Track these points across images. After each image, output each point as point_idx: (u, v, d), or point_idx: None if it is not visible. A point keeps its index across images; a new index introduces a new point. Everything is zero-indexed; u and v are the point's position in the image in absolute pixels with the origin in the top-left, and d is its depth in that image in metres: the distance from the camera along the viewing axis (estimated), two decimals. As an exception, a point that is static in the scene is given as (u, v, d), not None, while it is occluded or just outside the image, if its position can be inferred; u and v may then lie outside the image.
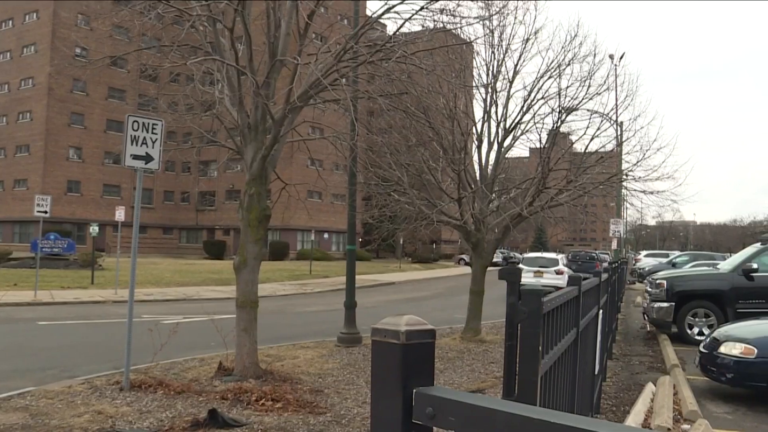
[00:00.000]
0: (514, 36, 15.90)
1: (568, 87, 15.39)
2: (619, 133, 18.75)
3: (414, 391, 1.29)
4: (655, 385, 10.17)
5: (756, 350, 9.60)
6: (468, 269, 17.11)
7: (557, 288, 4.59)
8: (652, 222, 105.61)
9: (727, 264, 17.66)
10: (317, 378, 11.20)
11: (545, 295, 3.14)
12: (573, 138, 17.69)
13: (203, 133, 13.21)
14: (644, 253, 57.36)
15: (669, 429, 7.87)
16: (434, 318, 18.93)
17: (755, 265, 15.69)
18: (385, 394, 1.32)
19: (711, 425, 8.14)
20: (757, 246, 16.95)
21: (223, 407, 8.76)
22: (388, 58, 10.91)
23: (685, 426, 8.22)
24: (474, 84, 16.78)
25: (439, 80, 15.20)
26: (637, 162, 15.84)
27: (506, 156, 17.13)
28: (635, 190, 16.49)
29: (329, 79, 10.28)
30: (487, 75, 16.11)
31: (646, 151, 15.76)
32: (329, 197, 66.25)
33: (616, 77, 17.57)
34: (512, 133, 16.30)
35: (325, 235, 68.75)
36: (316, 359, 12.90)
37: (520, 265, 31.93)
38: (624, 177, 16.73)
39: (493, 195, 16.85)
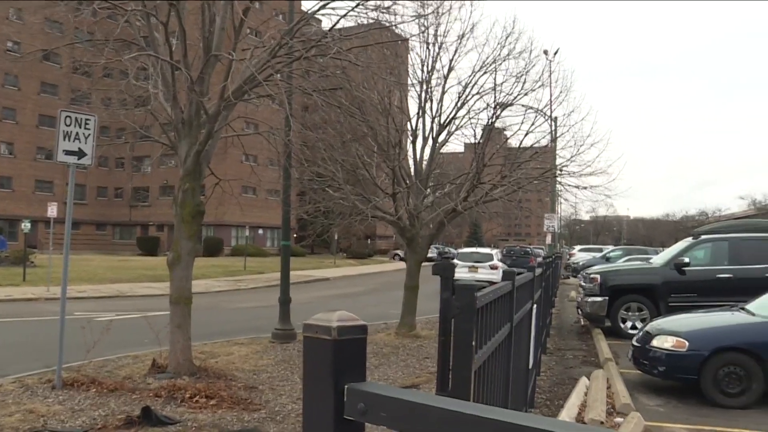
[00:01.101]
0: (449, 32, 15.93)
1: (503, 83, 15.53)
2: (553, 128, 19.01)
3: (346, 387, 1.28)
4: (589, 379, 10.35)
5: (687, 343, 9.83)
6: (403, 264, 17.20)
7: (492, 283, 4.61)
8: (586, 217, 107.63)
9: (660, 258, 18.09)
10: (252, 374, 11.09)
11: (479, 290, 3.15)
12: (508, 133, 17.88)
13: (137, 129, 12.94)
14: (578, 247, 58.44)
15: (602, 422, 8.02)
16: (369, 313, 18.94)
17: (687, 260, 16.09)
18: (317, 390, 1.30)
19: (643, 418, 8.33)
20: (689, 240, 17.40)
21: (157, 405, 8.60)
22: (323, 54, 10.85)
23: (618, 419, 8.38)
24: (409, 80, 16.82)
25: (373, 76, 15.19)
26: (571, 157, 16.07)
27: (441, 151, 17.22)
28: (569, 185, 16.73)
29: (264, 75, 10.17)
30: (422, 71, 16.14)
31: (580, 146, 16.01)
32: (264, 193, 65.67)
33: (551, 73, 17.81)
34: (447, 129, 16.38)
35: (260, 231, 68.07)
36: (250, 356, 12.77)
37: (455, 261, 32.24)
38: (558, 172, 16.96)
39: (428, 190, 16.93)
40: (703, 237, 17.17)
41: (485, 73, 15.74)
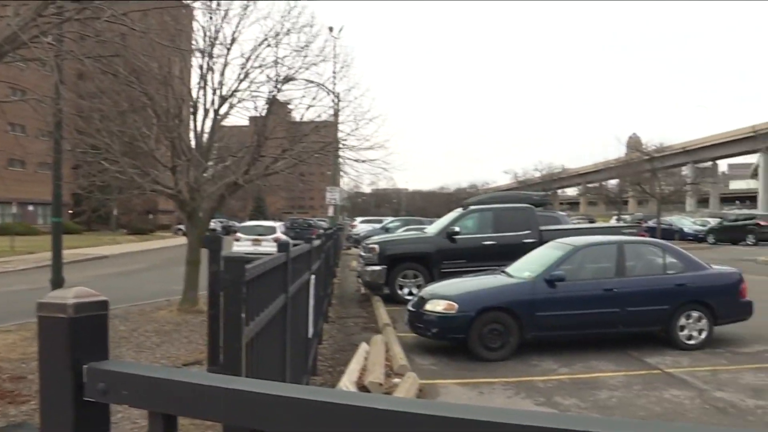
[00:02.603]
0: (232, 2, 15.56)
1: (285, 56, 15.48)
2: (336, 103, 19.27)
3: (85, 367, 1.22)
4: (369, 344, 10.67)
5: (457, 306, 10.50)
6: (186, 239, 16.71)
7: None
8: (367, 189, 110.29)
9: (433, 228, 18.98)
10: (20, 364, 10.32)
11: (249, 262, 3.15)
12: (291, 107, 17.87)
13: None
14: (360, 219, 59.74)
15: (381, 384, 8.31)
16: (150, 291, 18.32)
17: (457, 228, 17.06)
18: (54, 372, 1.23)
19: (418, 376, 8.78)
20: (459, 211, 18.44)
21: None
22: (97, 17, 10.21)
23: (396, 380, 8.74)
24: (191, 48, 16.28)
25: (152, 43, 14.55)
26: (351, 131, 16.40)
27: (223, 124, 16.90)
28: (349, 158, 17.08)
29: (28, 35, 9.39)
30: (204, 40, 15.69)
31: (360, 121, 16.37)
32: (33, 166, 61.07)
33: (334, 48, 17.99)
34: (229, 101, 16.08)
35: (30, 208, 63.40)
36: (18, 343, 11.89)
37: (238, 234, 31.92)
38: (341, 146, 17.23)
39: (210, 163, 16.57)
40: (471, 208, 18.33)
41: (268, 46, 15.60)
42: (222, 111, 16.08)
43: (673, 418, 7.49)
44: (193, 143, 16.19)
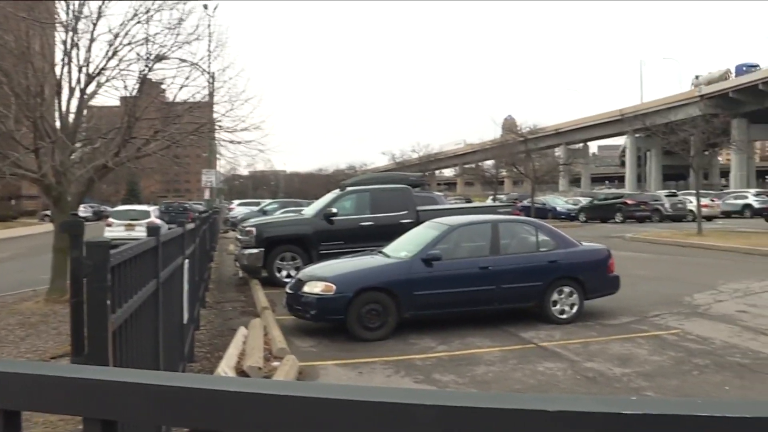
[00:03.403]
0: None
1: (157, 34, 14.91)
2: (210, 83, 18.79)
3: None
4: (247, 329, 10.54)
5: (335, 287, 10.50)
6: (53, 226, 15.95)
7: None
8: (245, 172, 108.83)
9: (311, 210, 18.90)
10: None
11: (114, 247, 3.01)
12: (164, 87, 17.28)
13: None
14: (237, 202, 58.80)
15: (260, 368, 8.22)
16: (14, 281, 17.41)
17: (335, 210, 17.05)
18: None
19: (298, 359, 8.74)
20: (337, 192, 18.44)
21: None
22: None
23: (276, 363, 8.67)
24: (53, 21, 15.41)
25: (6, 14, 13.68)
26: (227, 112, 16.04)
27: (91, 104, 16.15)
28: (225, 140, 16.73)
29: None
30: (67, 13, 14.88)
31: (235, 101, 16.03)
32: None
33: (209, 27, 17.46)
34: (96, 80, 15.35)
35: None
36: None
37: (110, 219, 30.81)
38: (216, 127, 16.85)
39: (77, 145, 15.81)
40: (349, 189, 18.39)
41: (138, 22, 14.96)
42: (89, 90, 15.34)
43: (546, 390, 7.77)
44: (58, 124, 15.39)
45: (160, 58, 15.10)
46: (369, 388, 0.96)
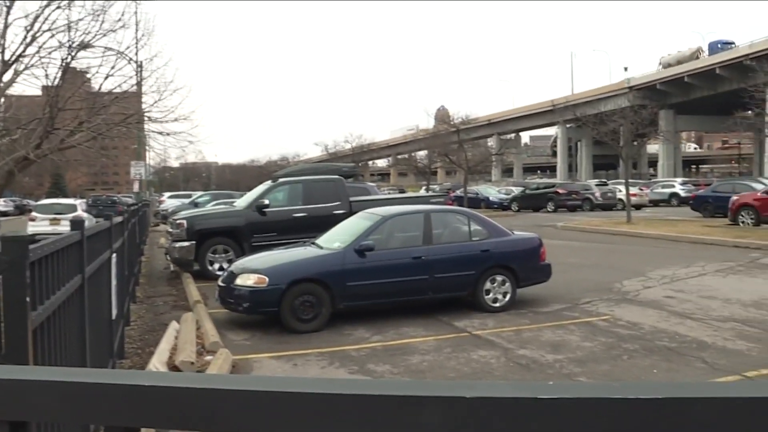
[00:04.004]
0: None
1: (80, 20, 14.47)
2: (138, 72, 18.36)
3: None
4: (179, 323, 10.37)
5: (268, 279, 10.38)
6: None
7: None
8: (175, 164, 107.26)
9: (243, 201, 18.67)
10: None
11: (34, 241, 2.89)
12: (89, 76, 16.79)
13: None
14: (168, 194, 57.81)
15: (192, 362, 8.10)
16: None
17: (267, 201, 16.87)
18: None
19: (231, 352, 8.65)
20: (269, 184, 18.27)
21: None
22: None
23: (209, 357, 8.55)
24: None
25: None
26: (155, 103, 15.72)
27: (9, 92, 15.58)
28: (154, 131, 16.40)
29: None
30: (-22, -3, 14.29)
31: (164, 92, 15.72)
32: None
33: (136, 14, 17.03)
34: (14, 67, 14.80)
35: None
36: None
37: (34, 214, 29.92)
38: (147, 119, 16.50)
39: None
40: (281, 180, 18.23)
41: (58, 8, 14.48)
42: (6, 78, 14.78)
43: (481, 378, 7.83)
44: (-26, 114, 14.84)
45: (83, 46, 14.68)
46: (299, 379, 0.95)
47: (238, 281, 10.58)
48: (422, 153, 69.71)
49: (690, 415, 0.84)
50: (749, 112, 33.77)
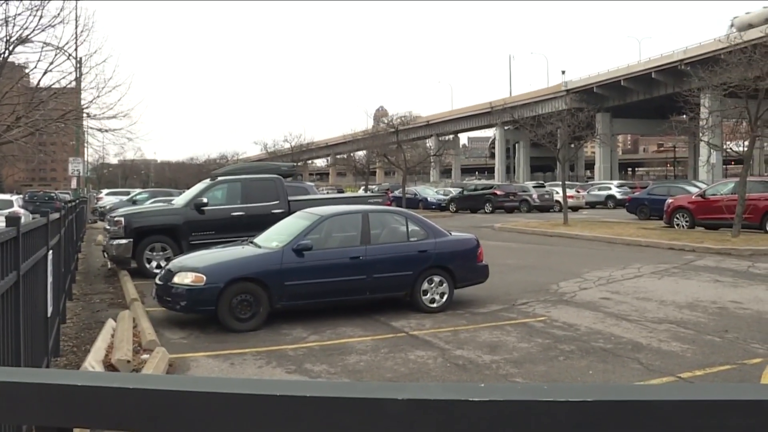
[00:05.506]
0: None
1: (17, 15, 14.28)
2: (77, 68, 18.14)
3: None
4: (116, 321, 10.34)
5: (205, 278, 10.38)
6: None
7: None
8: (114, 160, 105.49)
9: (181, 199, 18.59)
10: None
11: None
12: (27, 71, 16.57)
13: None
14: (106, 191, 56.86)
15: (129, 361, 8.10)
16: None
17: (206, 200, 16.82)
18: None
19: (168, 351, 8.65)
20: (207, 182, 18.23)
21: None
22: None
23: (145, 356, 8.56)
24: None
25: None
26: (93, 99, 15.59)
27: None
28: (92, 127, 16.25)
29: None
30: None
31: (102, 88, 15.60)
32: None
33: (75, 9, 16.83)
34: (-51, 62, 14.59)
35: None
36: None
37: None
38: (86, 115, 16.33)
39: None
40: (220, 178, 18.23)
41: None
42: (-59, 72, 14.56)
43: (418, 378, 7.94)
44: None
45: (21, 40, 14.50)
46: (234, 380, 0.98)
47: (176, 280, 10.56)
48: (361, 153, 69.68)
49: (620, 419, 0.88)
50: (684, 116, 34.61)
